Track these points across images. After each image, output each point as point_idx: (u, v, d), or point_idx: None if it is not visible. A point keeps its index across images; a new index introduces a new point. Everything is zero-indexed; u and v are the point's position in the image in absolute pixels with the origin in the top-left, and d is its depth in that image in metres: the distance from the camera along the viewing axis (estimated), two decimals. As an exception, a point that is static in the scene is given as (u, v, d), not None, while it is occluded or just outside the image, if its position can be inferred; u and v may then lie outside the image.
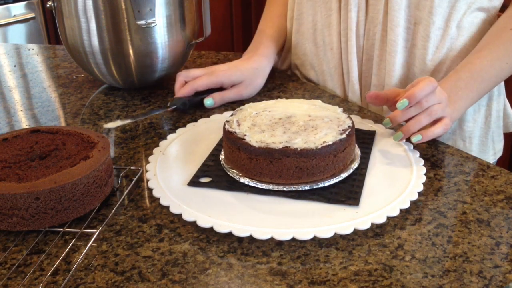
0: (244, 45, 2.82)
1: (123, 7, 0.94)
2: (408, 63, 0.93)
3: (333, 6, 0.96)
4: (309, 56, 1.05)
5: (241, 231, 0.62)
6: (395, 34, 0.90)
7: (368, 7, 0.93)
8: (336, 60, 0.99)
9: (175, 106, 0.92)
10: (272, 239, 0.61)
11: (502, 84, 0.98)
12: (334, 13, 0.97)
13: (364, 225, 0.62)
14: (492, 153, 1.01)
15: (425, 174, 0.72)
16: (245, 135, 0.70)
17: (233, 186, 0.70)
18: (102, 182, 0.67)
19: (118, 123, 0.87)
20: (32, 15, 2.43)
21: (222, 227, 0.63)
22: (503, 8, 0.93)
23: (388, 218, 0.64)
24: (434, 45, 0.90)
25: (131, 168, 0.76)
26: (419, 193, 0.68)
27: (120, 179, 0.74)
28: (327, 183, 0.69)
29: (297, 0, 1.03)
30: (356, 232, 0.62)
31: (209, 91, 0.97)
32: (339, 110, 0.77)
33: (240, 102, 0.98)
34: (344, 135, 0.70)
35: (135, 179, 0.73)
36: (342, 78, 1.00)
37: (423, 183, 0.70)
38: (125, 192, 0.71)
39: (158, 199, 0.68)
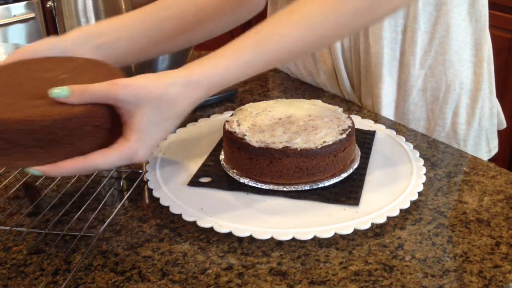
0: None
1: (123, 7, 0.94)
2: (398, 72, 0.91)
3: None
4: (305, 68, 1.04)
5: (241, 231, 0.62)
6: (378, 46, 0.89)
7: None
8: (330, 72, 0.99)
9: None
10: (272, 239, 0.61)
11: (493, 81, 0.97)
12: None
13: (364, 225, 0.62)
14: (487, 150, 0.99)
15: (425, 174, 0.72)
16: (245, 135, 0.70)
17: (233, 186, 0.70)
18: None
19: None
20: (32, 15, 2.43)
21: (222, 227, 0.62)
22: (491, 7, 0.91)
23: (388, 218, 0.64)
24: (422, 49, 0.89)
25: (134, 170, 0.76)
26: (419, 193, 0.68)
27: (121, 181, 0.74)
28: (327, 183, 0.69)
29: None
30: (356, 232, 0.62)
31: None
32: (339, 110, 0.77)
33: (240, 102, 0.98)
34: (344, 135, 0.70)
35: (136, 183, 0.73)
36: (339, 88, 0.99)
37: (423, 183, 0.70)
38: (126, 196, 0.71)
39: (158, 199, 0.68)
